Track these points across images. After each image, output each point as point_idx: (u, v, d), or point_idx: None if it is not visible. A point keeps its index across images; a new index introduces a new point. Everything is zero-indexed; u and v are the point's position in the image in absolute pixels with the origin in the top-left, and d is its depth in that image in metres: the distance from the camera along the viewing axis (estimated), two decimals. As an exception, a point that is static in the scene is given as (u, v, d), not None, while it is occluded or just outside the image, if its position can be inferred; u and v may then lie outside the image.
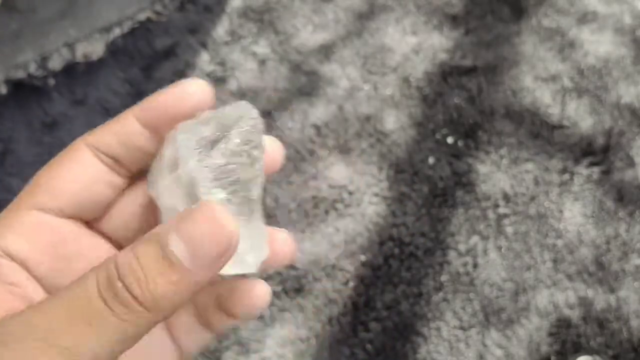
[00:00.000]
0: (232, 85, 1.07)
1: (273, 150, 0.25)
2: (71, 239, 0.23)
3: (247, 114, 0.23)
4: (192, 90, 0.23)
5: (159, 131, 0.24)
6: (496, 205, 0.92)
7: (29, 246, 0.22)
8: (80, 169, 0.23)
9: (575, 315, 0.83)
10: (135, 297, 0.17)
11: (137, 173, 0.25)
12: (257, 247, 0.23)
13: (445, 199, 0.93)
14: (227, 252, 0.19)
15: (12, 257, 0.22)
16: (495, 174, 0.95)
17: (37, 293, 0.22)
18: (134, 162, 0.24)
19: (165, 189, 0.22)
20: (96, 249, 0.24)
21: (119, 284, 0.17)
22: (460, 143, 0.99)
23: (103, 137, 0.24)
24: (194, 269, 0.18)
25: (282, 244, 0.25)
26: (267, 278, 0.87)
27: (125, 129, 0.24)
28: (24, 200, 0.23)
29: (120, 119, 0.24)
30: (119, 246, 0.25)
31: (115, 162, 0.24)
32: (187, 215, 0.19)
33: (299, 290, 0.86)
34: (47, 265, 0.22)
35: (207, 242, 0.18)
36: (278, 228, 0.25)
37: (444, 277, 0.86)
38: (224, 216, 0.19)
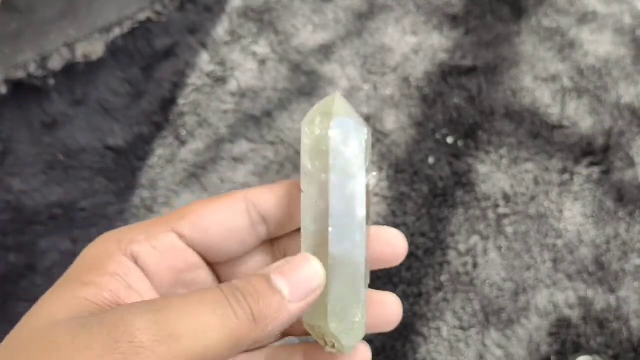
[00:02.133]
0: (232, 85, 1.07)
1: (397, 244, 0.27)
2: (193, 271, 0.25)
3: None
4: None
5: None
6: (496, 205, 0.92)
7: (159, 262, 0.24)
8: (228, 217, 0.25)
9: (575, 315, 0.83)
10: (250, 307, 0.21)
11: (272, 239, 0.27)
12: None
13: (445, 199, 0.93)
14: (316, 291, 0.23)
15: (138, 265, 0.24)
16: (495, 174, 0.95)
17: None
18: (278, 228, 0.26)
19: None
20: (209, 286, 0.25)
21: (240, 296, 0.21)
22: (460, 143, 0.99)
23: (263, 195, 0.25)
24: (290, 299, 0.22)
25: (390, 309, 0.27)
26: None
27: (288, 195, 0.25)
28: (168, 221, 0.24)
29: (285, 185, 0.26)
30: None
31: (261, 221, 0.25)
32: (292, 260, 0.24)
33: (299, 290, 0.86)
34: (166, 286, 0.24)
35: (303, 280, 0.23)
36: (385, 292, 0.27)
37: (444, 277, 0.86)
38: (317, 264, 0.24)
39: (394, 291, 0.86)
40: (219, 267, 0.26)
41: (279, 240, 0.27)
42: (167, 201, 0.95)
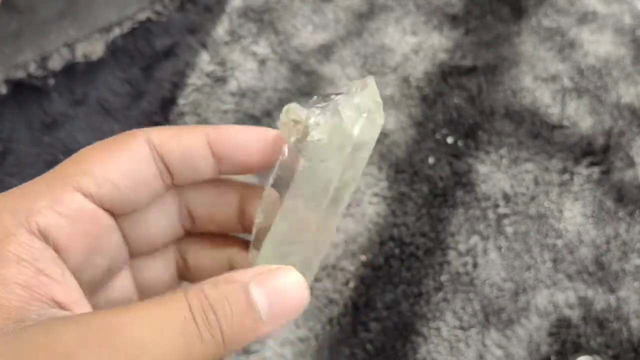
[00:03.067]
0: (232, 85, 1.07)
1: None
2: (105, 234, 0.21)
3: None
4: (274, 138, 0.22)
5: (221, 162, 0.23)
6: (496, 205, 0.92)
7: (70, 232, 0.20)
8: (134, 165, 0.21)
9: (575, 315, 0.83)
10: (222, 331, 0.18)
11: (175, 187, 0.23)
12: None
13: (445, 199, 0.93)
14: (294, 316, 0.20)
15: (48, 240, 0.19)
16: (495, 174, 0.95)
17: (65, 291, 0.19)
18: (182, 178, 0.22)
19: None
20: (120, 250, 0.23)
21: (212, 316, 0.18)
22: (460, 143, 0.99)
23: (167, 141, 0.22)
24: (267, 322, 0.19)
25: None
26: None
27: (192, 144, 0.22)
28: (68, 177, 0.20)
29: (190, 131, 0.22)
30: (133, 250, 0.24)
31: (165, 168, 0.22)
32: (275, 273, 0.20)
33: (299, 290, 0.86)
34: (81, 259, 0.20)
35: (287, 306, 0.20)
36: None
37: (444, 277, 0.86)
38: (306, 287, 0.20)
39: (394, 291, 0.86)
40: (119, 219, 0.22)
41: (184, 190, 0.24)
42: (167, 201, 0.95)
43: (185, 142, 0.22)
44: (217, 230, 0.25)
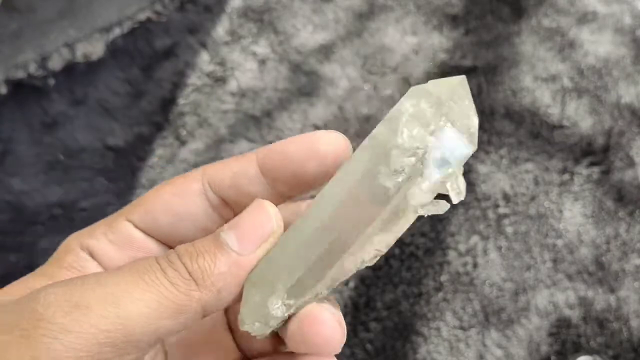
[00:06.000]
0: (232, 85, 1.07)
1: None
2: None
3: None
4: (325, 143, 0.21)
5: (276, 183, 0.22)
6: (496, 205, 0.92)
7: (116, 254, 0.22)
8: (178, 202, 0.22)
9: (575, 315, 0.83)
10: (185, 266, 0.19)
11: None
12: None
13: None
14: (268, 238, 0.20)
15: (95, 258, 0.22)
16: (495, 174, 0.95)
17: None
18: (240, 207, 0.22)
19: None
20: None
21: (175, 257, 0.19)
22: (460, 143, 0.99)
23: (219, 173, 0.22)
24: (240, 251, 0.20)
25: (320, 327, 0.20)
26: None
27: (243, 171, 0.22)
28: (125, 211, 0.23)
29: (241, 159, 0.22)
30: None
31: (222, 202, 0.22)
32: (243, 214, 0.21)
33: (299, 290, 0.86)
34: None
35: (252, 227, 0.20)
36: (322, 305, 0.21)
37: (444, 277, 0.86)
38: (271, 208, 0.21)
39: (394, 291, 0.86)
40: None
41: None
42: (167, 201, 0.95)
43: (235, 168, 0.22)
44: None
